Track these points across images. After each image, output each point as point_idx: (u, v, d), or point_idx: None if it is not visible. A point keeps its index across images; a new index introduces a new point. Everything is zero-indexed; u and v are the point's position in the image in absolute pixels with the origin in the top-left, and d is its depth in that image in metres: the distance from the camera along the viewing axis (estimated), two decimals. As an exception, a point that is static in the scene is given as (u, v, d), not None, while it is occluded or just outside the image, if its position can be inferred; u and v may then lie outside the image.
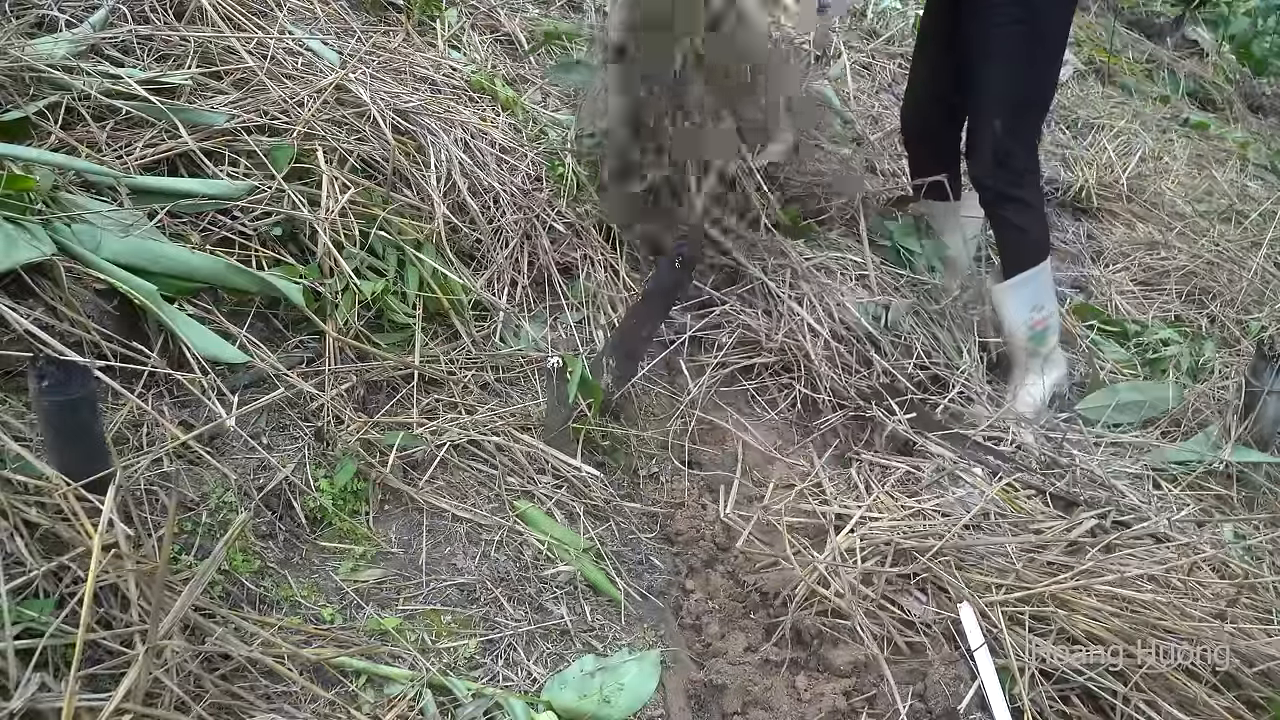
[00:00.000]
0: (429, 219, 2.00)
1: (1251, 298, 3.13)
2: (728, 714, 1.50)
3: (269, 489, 1.52)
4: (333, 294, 1.78)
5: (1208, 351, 2.77)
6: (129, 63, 1.90)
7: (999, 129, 2.22)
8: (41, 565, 1.16)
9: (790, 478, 2.01)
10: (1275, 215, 3.60)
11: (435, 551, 1.60)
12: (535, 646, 1.51)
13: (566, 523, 1.73)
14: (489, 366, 1.96)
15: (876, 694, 1.53)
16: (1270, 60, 5.17)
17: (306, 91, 1.98)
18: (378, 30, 2.45)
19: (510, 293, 2.11)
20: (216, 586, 1.35)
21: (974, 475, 1.99)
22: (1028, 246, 2.32)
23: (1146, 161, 3.91)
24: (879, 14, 4.19)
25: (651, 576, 1.75)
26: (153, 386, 1.53)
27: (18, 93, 1.70)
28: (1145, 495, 2.04)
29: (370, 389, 1.78)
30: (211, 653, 1.23)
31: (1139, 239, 3.40)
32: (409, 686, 1.34)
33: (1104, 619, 1.62)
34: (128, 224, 1.59)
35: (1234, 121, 4.91)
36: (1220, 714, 1.53)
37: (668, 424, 2.05)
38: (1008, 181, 2.27)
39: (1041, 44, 2.21)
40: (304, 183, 1.88)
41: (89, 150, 1.70)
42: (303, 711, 1.26)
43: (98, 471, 1.22)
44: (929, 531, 1.78)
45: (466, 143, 2.18)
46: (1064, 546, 1.80)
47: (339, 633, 1.41)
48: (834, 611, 1.64)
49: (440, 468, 1.73)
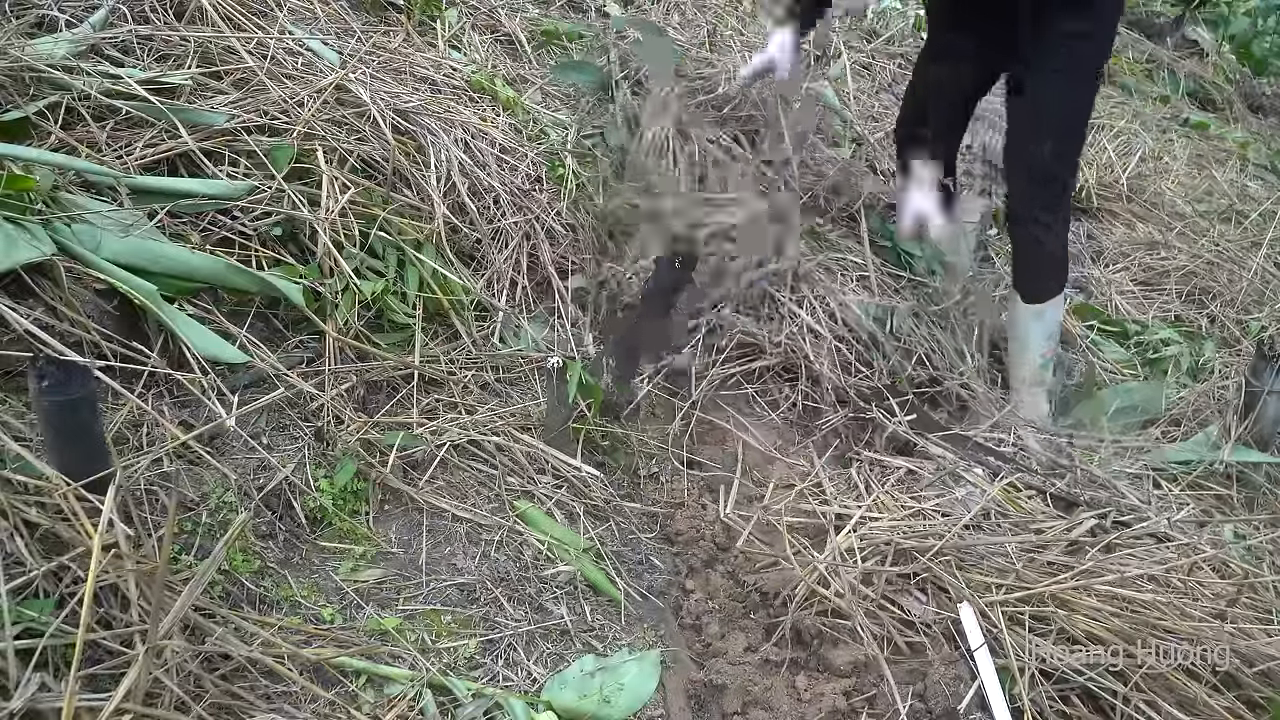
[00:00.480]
0: (429, 219, 2.00)
1: (1251, 298, 3.13)
2: (728, 714, 1.50)
3: (269, 489, 1.52)
4: (333, 294, 1.77)
5: (1208, 351, 2.77)
6: (129, 63, 1.90)
7: (1048, 151, 2.10)
8: (41, 565, 1.16)
9: (790, 478, 2.01)
10: (1275, 215, 3.60)
11: (435, 551, 1.60)
12: (535, 646, 1.51)
13: (566, 523, 1.73)
14: (489, 366, 1.96)
15: (876, 694, 1.53)
16: (1270, 60, 5.17)
17: (306, 91, 1.98)
18: (378, 30, 2.45)
19: (510, 293, 2.11)
20: (216, 586, 1.35)
21: (974, 475, 1.99)
22: (1052, 269, 2.23)
23: (1146, 161, 3.91)
24: (879, 14, 4.19)
25: (651, 576, 1.75)
26: (153, 386, 1.53)
27: (18, 93, 1.70)
28: (1145, 495, 2.04)
29: (370, 389, 1.78)
30: (211, 653, 1.23)
31: (1139, 239, 3.40)
32: (409, 686, 1.34)
33: (1104, 619, 1.61)
34: (128, 224, 1.59)
35: (1234, 121, 4.91)
36: (1220, 714, 1.53)
37: (668, 425, 2.05)
38: (1044, 205, 2.17)
39: (1104, 59, 2.11)
40: (304, 183, 1.88)
41: (89, 150, 1.70)
42: (303, 711, 1.26)
43: (98, 471, 1.22)
44: (929, 531, 1.78)
45: (466, 143, 2.17)
46: (1064, 546, 1.80)
47: (339, 633, 1.41)
48: (834, 611, 1.64)
49: (440, 468, 1.73)
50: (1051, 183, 2.15)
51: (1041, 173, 2.14)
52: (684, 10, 3.19)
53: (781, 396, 2.20)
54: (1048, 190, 2.16)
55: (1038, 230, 2.19)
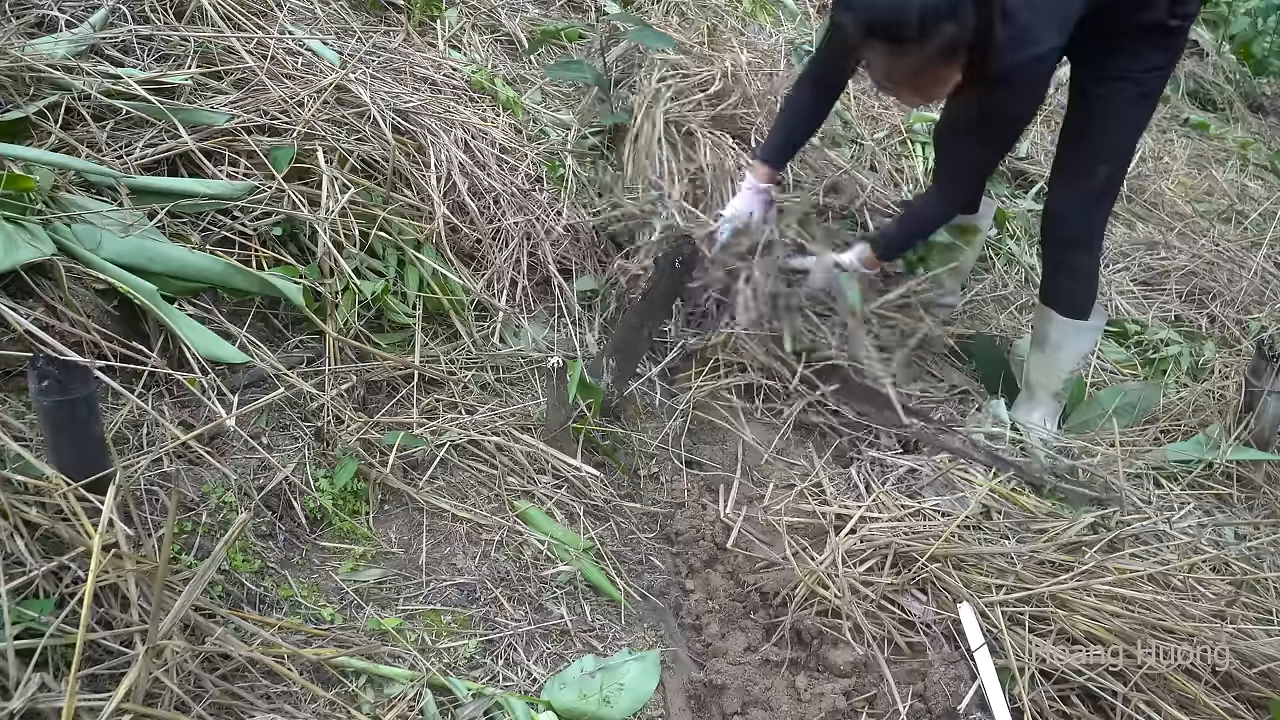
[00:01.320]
0: (429, 219, 2.00)
1: (1251, 298, 3.12)
2: (728, 714, 1.50)
3: (269, 489, 1.52)
4: (333, 294, 1.78)
5: (1208, 351, 2.77)
6: (129, 63, 1.90)
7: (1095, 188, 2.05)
8: (41, 565, 1.16)
9: (790, 478, 2.01)
10: (1275, 215, 3.59)
11: (435, 551, 1.60)
12: (535, 646, 1.51)
13: (566, 523, 1.73)
14: (489, 366, 1.96)
15: (876, 694, 1.53)
16: (1270, 60, 5.16)
17: (306, 91, 1.98)
18: (378, 30, 2.45)
19: (510, 293, 2.11)
20: (216, 586, 1.35)
21: (975, 474, 1.99)
22: (1086, 300, 2.19)
23: (1146, 161, 3.90)
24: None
25: (651, 576, 1.75)
26: (153, 386, 1.53)
27: (18, 93, 1.70)
28: (1146, 495, 2.04)
29: (370, 389, 1.78)
30: (211, 653, 1.23)
31: (1139, 239, 3.40)
32: (409, 686, 1.34)
33: (1104, 619, 1.62)
34: (128, 224, 1.59)
35: (1234, 121, 4.90)
36: (1220, 714, 1.53)
37: (666, 425, 2.05)
38: (1080, 243, 2.13)
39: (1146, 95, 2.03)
40: (304, 183, 1.88)
41: (89, 150, 1.70)
42: (303, 711, 1.26)
43: (98, 471, 1.22)
44: (929, 531, 1.78)
45: (467, 143, 2.17)
46: (1064, 546, 1.80)
47: (339, 633, 1.41)
48: (834, 611, 1.64)
49: (440, 468, 1.73)
50: (1094, 224, 2.13)
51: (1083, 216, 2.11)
52: (684, 10, 3.19)
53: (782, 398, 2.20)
54: (1093, 230, 2.14)
55: (1077, 260, 2.15)
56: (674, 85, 2.59)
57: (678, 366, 2.18)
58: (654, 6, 3.18)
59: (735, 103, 2.63)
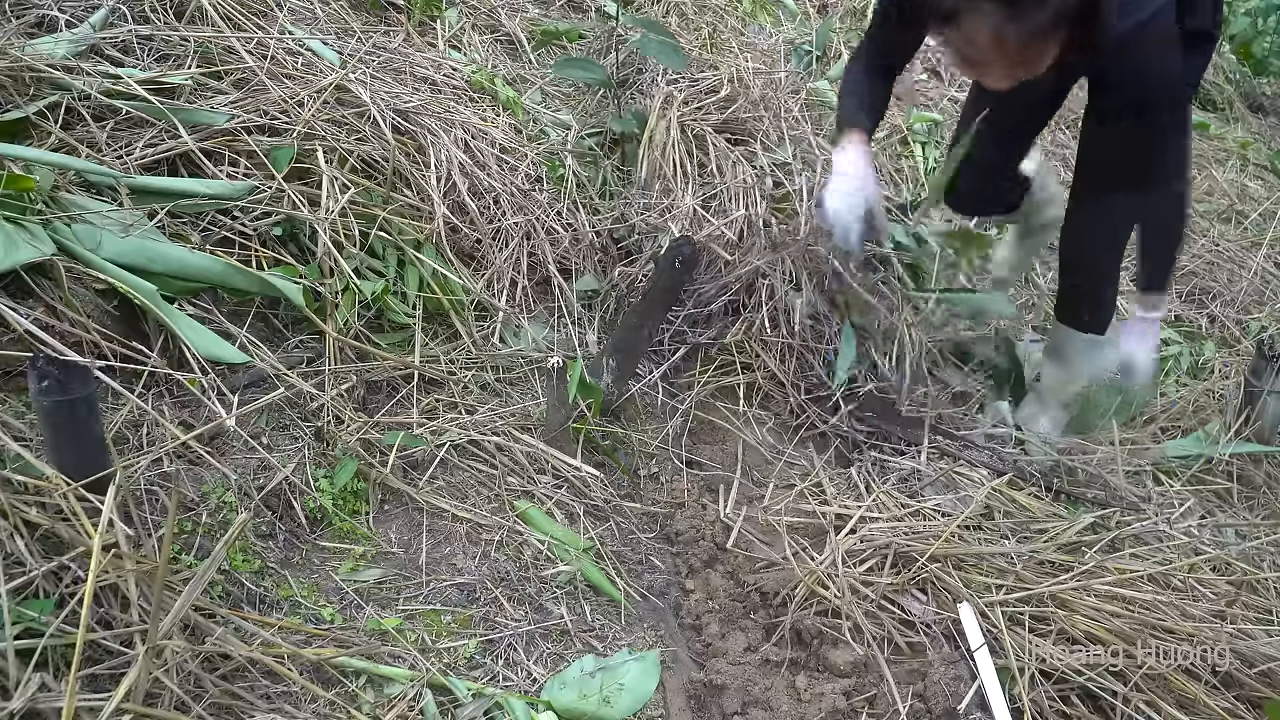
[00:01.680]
0: (429, 219, 2.00)
1: (1251, 298, 3.13)
2: (728, 714, 1.50)
3: (269, 489, 1.52)
4: (333, 294, 1.78)
5: (1208, 351, 2.77)
6: (129, 63, 1.90)
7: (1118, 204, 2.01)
8: (41, 565, 1.16)
9: (790, 478, 2.01)
10: (1275, 215, 3.60)
11: (435, 551, 1.60)
12: (535, 646, 1.51)
13: (566, 523, 1.73)
14: (489, 366, 1.96)
15: (876, 694, 1.53)
16: (1270, 60, 5.16)
17: (306, 91, 1.98)
18: (378, 30, 2.45)
19: (510, 293, 2.11)
20: (216, 586, 1.35)
21: (976, 474, 1.99)
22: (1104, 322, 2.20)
23: (1146, 161, 3.90)
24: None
25: (651, 576, 1.75)
26: (153, 386, 1.53)
27: (18, 93, 1.70)
28: (1146, 493, 2.04)
29: (370, 389, 1.78)
30: (211, 653, 1.23)
31: (1139, 239, 3.40)
32: (409, 686, 1.34)
33: (1104, 619, 1.62)
34: (128, 224, 1.59)
35: (1234, 121, 4.90)
36: (1220, 714, 1.53)
37: (667, 425, 2.05)
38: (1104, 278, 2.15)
39: None
40: (304, 183, 1.88)
41: (89, 150, 1.70)
42: (303, 711, 1.26)
43: (98, 471, 1.22)
44: (929, 531, 1.78)
45: (467, 143, 2.18)
46: (1064, 546, 1.80)
47: (339, 633, 1.41)
48: (834, 611, 1.64)
49: (440, 468, 1.73)
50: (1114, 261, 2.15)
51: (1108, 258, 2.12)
52: (684, 11, 3.19)
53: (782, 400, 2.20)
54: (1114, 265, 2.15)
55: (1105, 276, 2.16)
56: (684, 90, 2.59)
57: (679, 366, 2.18)
58: (654, 7, 3.18)
59: (743, 106, 2.63)
